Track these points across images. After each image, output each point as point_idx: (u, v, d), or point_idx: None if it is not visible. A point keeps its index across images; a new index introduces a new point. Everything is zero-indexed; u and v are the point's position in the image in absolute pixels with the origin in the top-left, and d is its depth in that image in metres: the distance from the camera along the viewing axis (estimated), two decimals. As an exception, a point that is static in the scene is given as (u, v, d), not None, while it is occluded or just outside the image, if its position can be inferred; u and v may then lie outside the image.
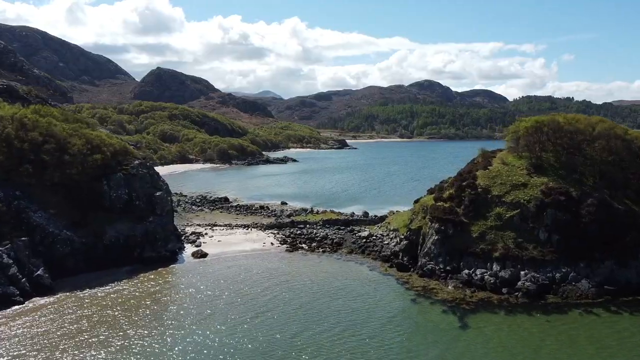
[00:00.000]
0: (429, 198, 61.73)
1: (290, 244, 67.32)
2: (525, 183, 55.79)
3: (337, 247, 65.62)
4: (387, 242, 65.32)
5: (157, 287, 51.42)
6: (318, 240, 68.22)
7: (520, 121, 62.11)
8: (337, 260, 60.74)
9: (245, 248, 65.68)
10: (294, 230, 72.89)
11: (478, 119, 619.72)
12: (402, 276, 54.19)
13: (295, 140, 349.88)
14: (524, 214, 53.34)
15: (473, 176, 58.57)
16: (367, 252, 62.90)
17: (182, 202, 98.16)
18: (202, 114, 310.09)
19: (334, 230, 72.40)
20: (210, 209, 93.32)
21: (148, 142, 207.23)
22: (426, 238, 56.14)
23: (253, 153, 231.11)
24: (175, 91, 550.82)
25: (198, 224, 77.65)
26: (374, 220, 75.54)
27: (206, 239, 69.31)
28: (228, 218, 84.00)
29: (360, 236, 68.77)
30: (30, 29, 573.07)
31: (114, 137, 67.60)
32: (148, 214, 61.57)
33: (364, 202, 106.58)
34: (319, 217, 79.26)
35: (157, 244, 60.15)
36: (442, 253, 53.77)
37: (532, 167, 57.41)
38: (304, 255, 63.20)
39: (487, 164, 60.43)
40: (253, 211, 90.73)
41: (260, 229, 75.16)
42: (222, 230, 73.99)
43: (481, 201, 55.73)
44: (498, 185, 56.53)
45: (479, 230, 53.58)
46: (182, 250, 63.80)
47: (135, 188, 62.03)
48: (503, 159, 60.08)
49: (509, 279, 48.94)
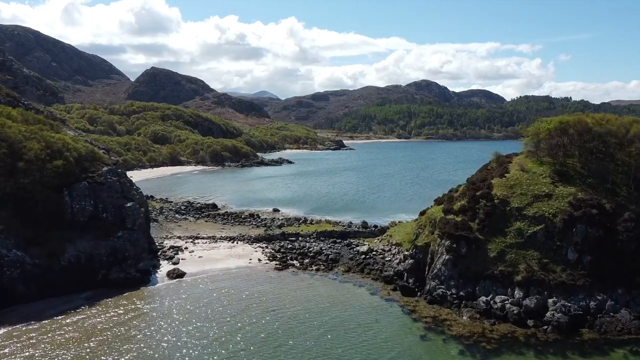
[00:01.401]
0: (437, 209, 54.21)
1: (280, 260, 59.71)
2: (550, 193, 48.28)
3: (332, 264, 58.01)
4: (389, 258, 57.75)
5: (120, 317, 43.73)
6: (311, 256, 60.63)
7: (541, 122, 54.62)
8: (332, 281, 53.12)
9: (229, 265, 58.01)
10: (285, 244, 65.27)
11: (476, 119, 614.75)
12: (408, 302, 46.57)
13: (291, 141, 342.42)
14: (549, 229, 45.86)
15: (488, 185, 51.04)
16: (366, 270, 55.29)
17: (166, 210, 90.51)
18: (196, 114, 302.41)
19: (329, 243, 64.78)
20: (195, 217, 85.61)
21: (138, 144, 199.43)
22: (435, 257, 48.57)
23: (247, 154, 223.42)
24: (170, 91, 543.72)
25: (179, 236, 69.91)
26: (374, 232, 67.96)
27: (185, 254, 61.62)
28: (213, 228, 76.27)
29: (358, 251, 61.21)
30: (23, 29, 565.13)
31: (81, 140, 59.85)
32: (116, 228, 53.86)
33: (363, 209, 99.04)
34: (312, 228, 71.64)
35: (126, 262, 52.46)
36: (454, 275, 46.22)
37: (556, 175, 49.92)
38: (295, 274, 55.56)
39: (503, 170, 52.89)
40: (242, 220, 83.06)
41: (247, 241, 67.49)
42: (204, 244, 66.28)
43: (499, 214, 48.23)
44: (518, 196, 49.01)
45: (497, 248, 46.07)
46: (156, 269, 56.09)
47: (102, 198, 54.34)
48: (522, 165, 52.54)
49: (534, 308, 41.40)
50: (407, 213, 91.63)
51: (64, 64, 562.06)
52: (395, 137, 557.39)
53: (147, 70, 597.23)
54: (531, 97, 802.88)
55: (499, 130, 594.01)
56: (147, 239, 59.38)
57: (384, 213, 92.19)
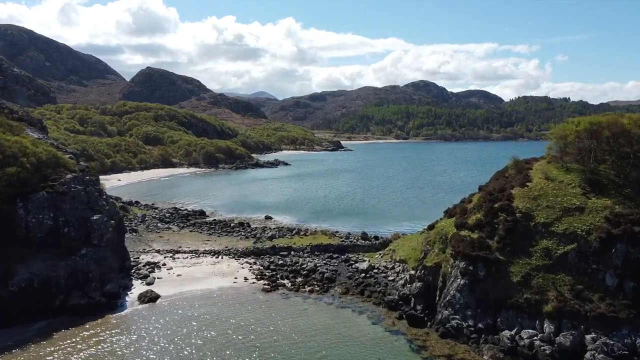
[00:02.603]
0: (448, 223, 47.29)
1: (269, 278, 52.74)
2: (581, 206, 41.40)
3: (328, 284, 51.03)
4: (392, 277, 50.84)
5: (77, 353, 36.76)
6: (304, 274, 53.65)
7: (568, 122, 47.75)
8: (327, 307, 46.09)
9: (210, 286, 50.99)
10: (275, 259, 58.31)
11: (475, 119, 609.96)
12: (417, 335, 39.61)
13: (288, 141, 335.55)
14: (582, 250, 39.01)
15: (508, 196, 44.15)
16: (367, 292, 48.29)
17: (148, 218, 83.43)
18: (190, 114, 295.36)
19: (324, 259, 57.81)
20: (179, 226, 78.54)
21: (128, 145, 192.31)
22: (447, 281, 41.64)
23: (241, 156, 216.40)
24: (165, 91, 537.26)
25: (157, 250, 62.87)
26: (375, 246, 61.00)
27: (163, 272, 54.64)
28: (197, 240, 69.25)
29: (357, 269, 54.26)
30: (16, 28, 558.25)
31: (43, 144, 52.77)
32: (80, 245, 46.78)
33: (362, 215, 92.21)
34: (306, 240, 64.66)
35: (90, 285, 45.40)
36: (470, 303, 39.32)
37: (587, 184, 43.05)
38: (286, 297, 48.56)
39: (524, 178, 45.98)
40: (230, 229, 76.03)
41: (233, 256, 60.50)
42: (185, 259, 59.29)
43: (521, 231, 41.36)
44: (543, 209, 42.12)
45: (521, 272, 39.19)
46: (127, 291, 49.08)
47: (64, 211, 47.27)
48: (546, 172, 45.61)
49: (570, 347, 34.48)
50: (410, 220, 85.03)
51: (58, 64, 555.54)
52: (393, 138, 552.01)
53: (142, 70, 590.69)
54: (530, 98, 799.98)
55: (497, 130, 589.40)
56: (117, 256, 52.33)
57: (385, 221, 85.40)
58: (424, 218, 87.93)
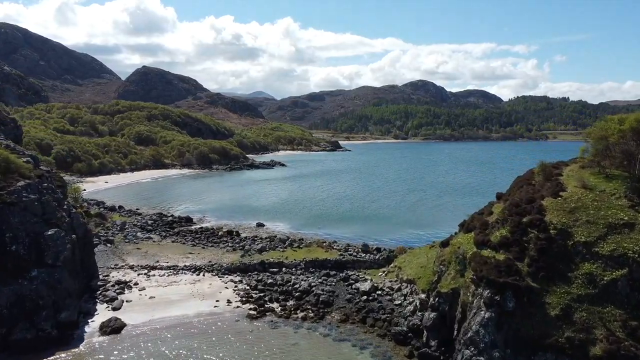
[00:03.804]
0: (466, 239, 40.02)
1: (256, 302, 45.44)
2: (631, 222, 34.19)
3: (324, 309, 43.73)
4: (399, 301, 43.63)
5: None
6: (297, 296, 46.35)
7: (608, 120, 40.52)
8: (323, 339, 38.77)
9: (187, 311, 43.68)
10: (264, 277, 51.04)
11: (474, 119, 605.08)
12: (432, 380, 32.44)
13: (285, 141, 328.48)
14: (635, 276, 31.81)
15: (538, 208, 36.90)
16: (369, 320, 40.99)
17: (129, 226, 76.11)
18: (184, 114, 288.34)
19: (320, 277, 50.51)
20: (162, 235, 71.20)
21: (118, 145, 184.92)
22: (468, 312, 34.37)
23: (236, 157, 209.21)
24: (161, 91, 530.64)
25: (132, 266, 55.50)
26: (378, 262, 53.72)
27: (134, 293, 47.33)
28: (178, 252, 61.90)
29: (358, 290, 46.98)
30: (10, 26, 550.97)
31: (-7, 146, 45.45)
32: (30, 265, 39.47)
33: (362, 222, 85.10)
34: (300, 254, 57.34)
35: (40, 315, 38.07)
36: (498, 342, 32.06)
37: (635, 195, 35.90)
38: (275, 326, 41.22)
39: (556, 187, 38.75)
40: (217, 239, 68.77)
41: (216, 273, 53.18)
42: (161, 277, 51.94)
43: (558, 252, 34.13)
44: (583, 226, 34.91)
45: (560, 303, 31.96)
46: (88, 318, 41.77)
47: (11, 225, 39.92)
48: (582, 180, 38.40)
49: (629, 404, 27.36)
50: (415, 228, 78.02)
51: (52, 63, 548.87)
52: (392, 138, 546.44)
53: (138, 69, 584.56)
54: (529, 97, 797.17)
55: (497, 130, 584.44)
56: (80, 276, 45.01)
57: (388, 228, 78.26)
58: (430, 225, 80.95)
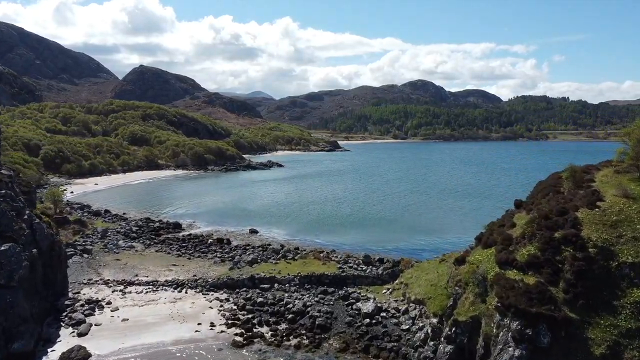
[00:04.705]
0: (485, 256, 34.35)
1: (243, 325, 39.77)
2: (687, 239, 28.67)
3: (320, 335, 38.05)
4: (407, 326, 37.98)
5: None
6: (290, 318, 40.68)
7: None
8: (319, 374, 33.23)
9: (163, 338, 37.94)
10: (254, 295, 45.39)
11: (474, 119, 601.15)
12: None
13: (283, 142, 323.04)
14: (697, 306, 26.28)
15: (573, 221, 31.26)
16: (373, 350, 35.36)
17: (111, 233, 70.49)
18: (180, 113, 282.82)
19: (316, 295, 44.85)
20: (145, 244, 65.51)
21: (110, 146, 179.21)
22: (492, 347, 28.74)
23: (233, 157, 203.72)
24: (159, 90, 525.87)
25: (107, 281, 49.76)
26: (381, 277, 48.01)
27: (105, 314, 41.63)
28: (161, 264, 56.20)
29: (360, 311, 41.29)
30: (6, 25, 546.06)
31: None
32: (-23, 287, 33.88)
33: (362, 227, 79.53)
34: (295, 267, 51.63)
35: (-14, 346, 32.49)
36: (530, 386, 26.49)
37: (689, 206, 30.34)
38: (263, 355, 35.42)
39: (592, 196, 33.13)
40: (205, 248, 63.19)
41: (201, 289, 47.51)
42: (139, 294, 46.26)
43: (599, 275, 28.56)
44: (629, 243, 29.32)
45: (606, 339, 26.39)
46: (49, 346, 36.10)
47: (-43, 239, 34.34)
48: (623, 188, 32.79)
49: None
50: (421, 235, 72.48)
51: (48, 62, 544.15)
52: (391, 138, 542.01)
53: (135, 68, 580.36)
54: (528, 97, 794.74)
55: (497, 130, 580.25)
56: (41, 296, 39.36)
57: (391, 235, 72.65)
58: (436, 231, 75.59)
